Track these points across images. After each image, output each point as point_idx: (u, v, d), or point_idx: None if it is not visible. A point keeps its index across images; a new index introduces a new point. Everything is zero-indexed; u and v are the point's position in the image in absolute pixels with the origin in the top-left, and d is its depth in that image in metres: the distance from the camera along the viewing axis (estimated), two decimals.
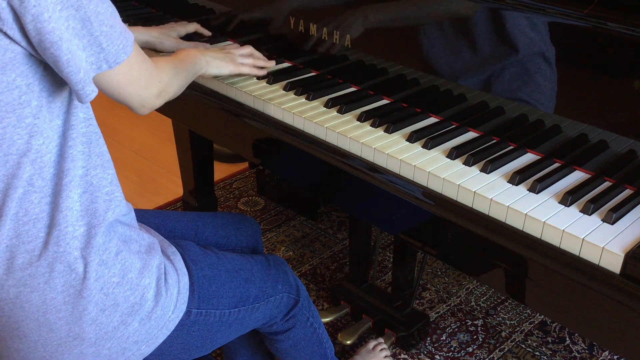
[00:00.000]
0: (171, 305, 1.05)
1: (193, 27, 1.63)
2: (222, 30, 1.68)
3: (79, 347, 0.99)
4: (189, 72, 1.24)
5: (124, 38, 0.94)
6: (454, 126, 1.27)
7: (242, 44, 1.64)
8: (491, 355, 1.77)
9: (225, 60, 1.37)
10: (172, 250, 1.11)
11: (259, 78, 1.45)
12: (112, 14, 0.92)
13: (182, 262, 1.10)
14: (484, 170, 1.12)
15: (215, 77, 1.43)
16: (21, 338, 0.98)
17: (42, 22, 0.84)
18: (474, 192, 1.06)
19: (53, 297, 0.95)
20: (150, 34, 1.52)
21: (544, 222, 0.99)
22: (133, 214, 1.07)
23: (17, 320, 0.96)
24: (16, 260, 0.93)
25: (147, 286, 1.01)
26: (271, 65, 1.47)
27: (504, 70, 1.17)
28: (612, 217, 0.99)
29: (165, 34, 1.56)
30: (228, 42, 1.64)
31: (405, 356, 1.76)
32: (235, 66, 1.39)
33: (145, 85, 1.03)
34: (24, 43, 0.86)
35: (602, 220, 0.99)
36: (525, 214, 1.00)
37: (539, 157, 1.17)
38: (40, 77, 0.90)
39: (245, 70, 1.41)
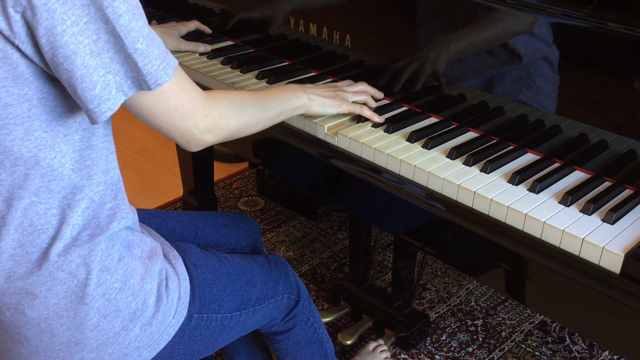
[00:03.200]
0: (172, 310, 1.04)
1: (193, 25, 1.63)
2: (222, 30, 1.68)
3: (80, 353, 0.99)
4: (274, 109, 1.14)
5: (163, 60, 0.88)
6: (454, 126, 1.27)
7: (243, 43, 1.64)
8: (491, 355, 1.77)
9: (333, 99, 1.24)
10: (174, 253, 1.10)
11: (374, 126, 1.26)
12: (149, 36, 0.87)
13: (183, 266, 1.09)
14: (484, 170, 1.12)
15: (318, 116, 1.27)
16: (22, 342, 0.97)
17: (56, 35, 0.80)
18: (474, 192, 1.06)
19: (55, 303, 0.95)
20: None
21: (544, 222, 0.99)
22: (136, 217, 1.06)
23: (19, 325, 0.96)
24: (18, 269, 0.93)
25: (148, 292, 1.01)
26: (379, 97, 1.34)
27: (505, 74, 1.17)
28: (612, 217, 0.99)
29: (167, 33, 1.56)
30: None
31: (405, 356, 1.76)
32: (348, 106, 1.25)
33: (182, 118, 0.95)
34: (36, 58, 0.84)
35: (602, 220, 0.99)
36: (525, 214, 1.00)
37: (539, 157, 1.17)
38: (56, 92, 0.88)
39: (357, 110, 1.26)
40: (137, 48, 0.85)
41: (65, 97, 0.89)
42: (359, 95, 1.29)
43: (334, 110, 1.24)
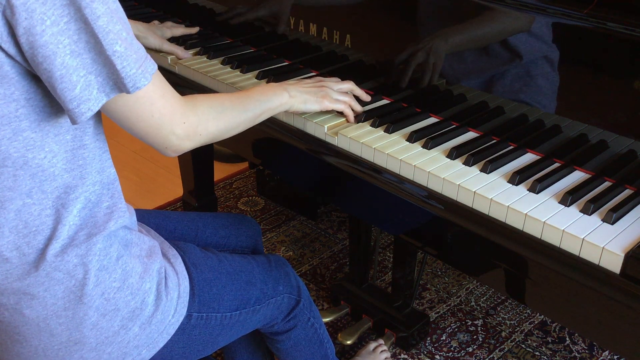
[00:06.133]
0: (171, 309, 1.04)
1: (180, 31, 1.63)
2: (222, 30, 1.68)
3: (80, 352, 0.99)
4: (255, 109, 1.13)
5: (141, 65, 0.88)
6: (454, 126, 1.27)
7: (243, 42, 1.64)
8: (491, 355, 1.77)
9: (316, 96, 1.23)
10: (173, 252, 1.10)
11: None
12: (127, 39, 0.86)
13: (182, 265, 1.09)
14: (484, 170, 1.12)
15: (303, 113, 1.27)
16: (22, 342, 0.97)
17: (35, 35, 0.80)
18: (474, 192, 1.06)
19: (53, 303, 0.95)
20: (136, 27, 1.53)
21: (544, 222, 0.99)
22: (134, 217, 1.06)
23: (18, 325, 0.96)
24: (15, 270, 0.93)
25: (147, 291, 1.01)
26: (367, 99, 1.32)
27: (505, 73, 1.17)
28: (612, 217, 0.99)
29: (151, 31, 1.56)
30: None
31: (405, 356, 1.76)
32: (330, 102, 1.24)
33: (159, 124, 0.94)
34: (19, 58, 0.83)
35: (602, 220, 0.99)
36: (525, 214, 1.00)
37: (539, 157, 1.17)
38: (43, 92, 0.88)
39: (339, 107, 1.25)
40: (115, 50, 0.84)
41: (52, 97, 0.89)
42: (344, 95, 1.27)
43: (316, 106, 1.23)
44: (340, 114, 1.28)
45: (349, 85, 1.30)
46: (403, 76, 1.32)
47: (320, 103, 1.23)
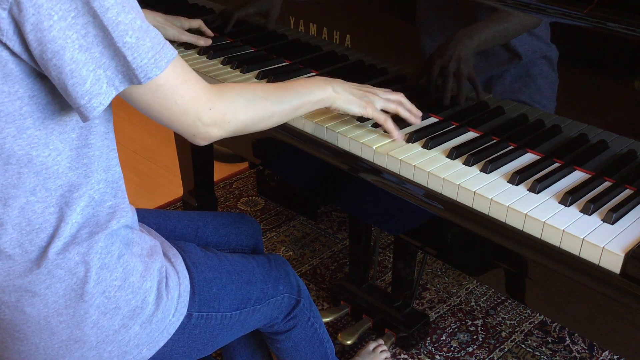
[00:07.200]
0: (172, 308, 1.04)
1: (197, 22, 1.63)
2: (222, 30, 1.68)
3: (80, 350, 0.99)
4: (292, 101, 1.09)
5: (156, 53, 0.87)
6: (454, 126, 1.27)
7: (243, 42, 1.64)
8: (491, 355, 1.77)
9: (360, 98, 1.17)
10: (174, 252, 1.10)
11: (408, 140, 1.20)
12: (142, 28, 0.85)
13: (183, 264, 1.09)
14: (484, 170, 1.12)
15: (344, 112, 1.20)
16: (22, 340, 0.97)
17: (43, 30, 0.80)
18: (474, 192, 1.06)
19: (55, 301, 0.95)
20: (155, 18, 1.54)
21: (544, 222, 0.99)
22: (136, 217, 1.06)
23: (18, 323, 0.96)
24: (17, 267, 0.93)
25: (148, 290, 1.01)
26: (419, 118, 1.24)
27: (505, 73, 1.17)
28: (612, 217, 0.99)
29: (169, 22, 1.58)
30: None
31: (405, 356, 1.76)
32: (373, 110, 1.17)
33: (183, 111, 0.93)
34: (25, 56, 0.83)
35: (602, 220, 0.99)
36: (525, 214, 1.00)
37: (539, 157, 1.17)
38: (47, 90, 0.88)
39: (381, 118, 1.18)
40: (125, 42, 0.84)
41: (56, 95, 0.89)
42: (390, 103, 1.20)
43: (358, 110, 1.17)
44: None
45: (398, 97, 1.22)
46: (400, 77, 1.33)
47: (363, 108, 1.17)
